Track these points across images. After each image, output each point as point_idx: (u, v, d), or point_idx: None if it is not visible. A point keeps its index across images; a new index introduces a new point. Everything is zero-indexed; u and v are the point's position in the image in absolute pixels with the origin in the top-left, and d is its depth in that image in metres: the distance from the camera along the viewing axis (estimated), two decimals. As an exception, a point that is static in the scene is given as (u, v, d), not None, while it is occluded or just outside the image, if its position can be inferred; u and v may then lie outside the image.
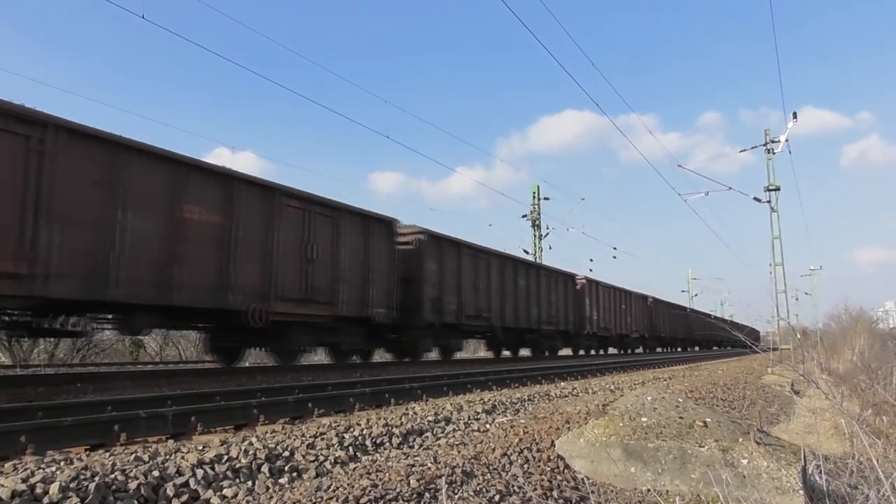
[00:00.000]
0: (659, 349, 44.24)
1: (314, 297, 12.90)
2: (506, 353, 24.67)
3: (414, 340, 17.33)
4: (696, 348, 53.54)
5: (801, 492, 4.14)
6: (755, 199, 23.78)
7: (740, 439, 4.70)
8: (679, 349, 49.05)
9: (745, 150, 25.24)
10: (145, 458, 4.07)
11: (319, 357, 18.51)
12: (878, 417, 7.89)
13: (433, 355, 19.34)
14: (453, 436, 5.84)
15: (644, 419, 5.14)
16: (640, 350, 39.00)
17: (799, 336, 29.54)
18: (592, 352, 31.61)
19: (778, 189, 23.53)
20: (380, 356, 18.73)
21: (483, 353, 28.27)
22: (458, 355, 21.50)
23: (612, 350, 34.70)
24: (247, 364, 15.36)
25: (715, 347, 58.75)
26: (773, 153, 23.58)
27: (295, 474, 4.20)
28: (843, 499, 4.11)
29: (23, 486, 3.25)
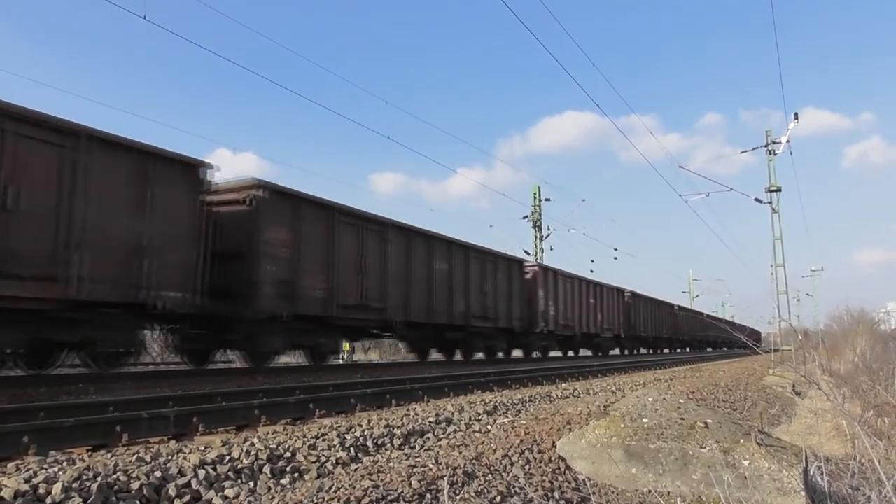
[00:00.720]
0: (643, 350, 39.31)
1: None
2: (437, 355, 20.33)
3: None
4: (687, 350, 50.48)
5: (803, 493, 4.14)
6: (756, 199, 23.77)
7: (741, 440, 4.71)
8: (667, 350, 44.82)
9: (745, 151, 25.25)
10: (147, 458, 4.07)
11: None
12: (880, 419, 7.88)
13: (286, 359, 16.15)
14: (454, 437, 5.85)
15: (645, 420, 5.14)
16: (615, 352, 34.06)
17: (800, 337, 29.50)
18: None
19: (779, 190, 23.52)
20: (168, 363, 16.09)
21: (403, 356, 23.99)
22: (326, 359, 15.23)
23: (585, 352, 30.13)
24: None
25: (709, 349, 56.39)
26: (775, 154, 23.57)
27: (296, 475, 4.21)
28: (844, 500, 4.11)
29: (25, 487, 3.26)
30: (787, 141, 23.52)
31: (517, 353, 24.13)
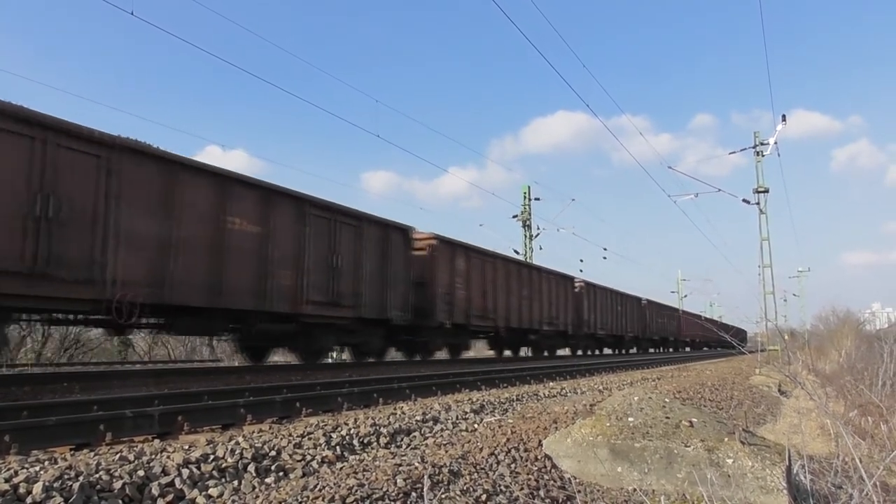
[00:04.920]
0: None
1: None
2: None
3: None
4: (670, 350, 49.90)
5: (785, 491, 4.17)
6: (744, 201, 23.99)
7: (726, 439, 4.73)
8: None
9: (734, 153, 25.48)
10: (130, 457, 4.05)
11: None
12: (864, 418, 7.96)
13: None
14: (441, 435, 5.85)
15: (631, 419, 5.16)
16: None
17: (786, 337, 29.72)
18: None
19: (767, 191, 23.74)
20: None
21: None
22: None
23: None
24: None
25: (687, 348, 55.63)
26: (762, 155, 23.78)
27: (281, 474, 4.20)
28: (826, 498, 4.14)
29: (5, 486, 3.22)
30: (775, 142, 23.77)
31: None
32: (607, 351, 35.55)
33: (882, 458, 5.36)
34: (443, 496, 3.77)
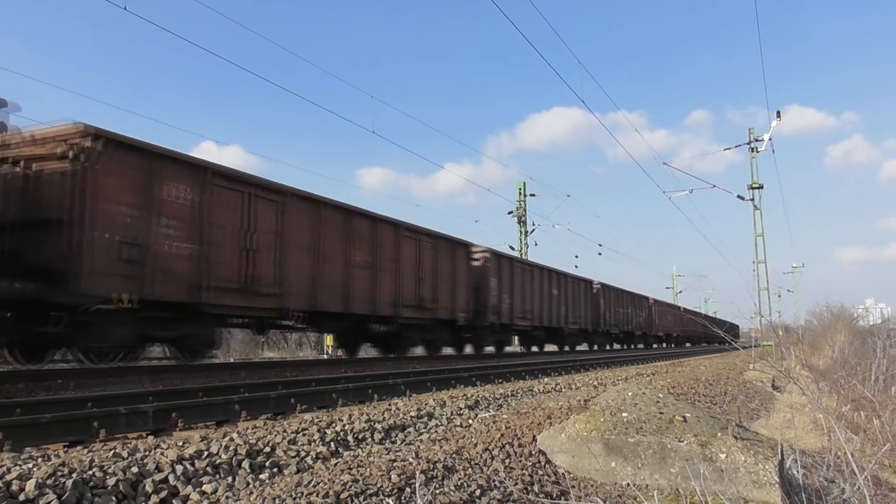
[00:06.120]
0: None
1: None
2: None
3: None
4: (672, 346, 50.22)
5: (778, 485, 4.19)
6: (739, 197, 24.03)
7: (719, 434, 4.75)
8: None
9: (729, 149, 25.51)
10: (124, 454, 4.04)
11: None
12: (857, 413, 8.00)
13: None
14: (435, 431, 5.86)
15: (625, 414, 5.18)
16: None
17: (780, 333, 29.82)
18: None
19: (761, 187, 23.79)
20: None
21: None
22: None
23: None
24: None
25: (688, 344, 55.83)
26: (757, 152, 23.82)
27: (276, 470, 4.20)
28: (818, 492, 4.17)
29: (-2, 483, 3.22)
30: (770, 139, 23.79)
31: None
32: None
33: (874, 452, 5.39)
34: (437, 492, 3.78)
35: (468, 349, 21.88)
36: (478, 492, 3.96)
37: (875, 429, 6.70)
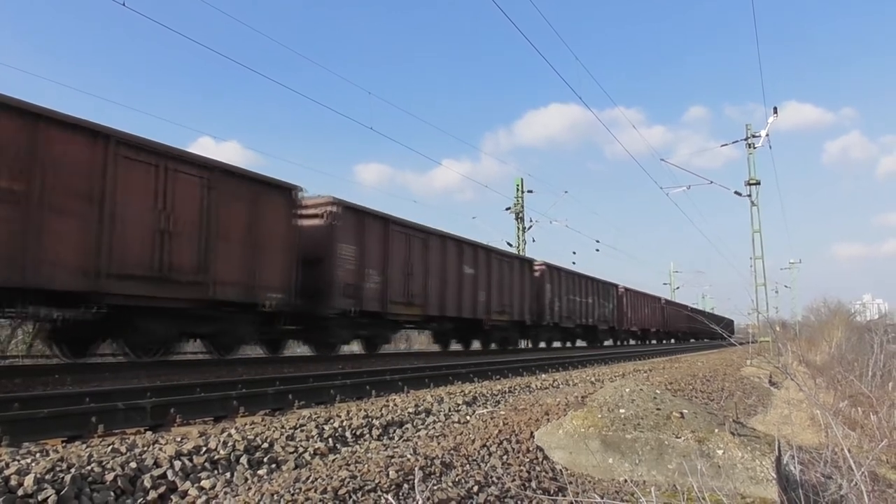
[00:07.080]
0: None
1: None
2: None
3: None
4: (653, 342, 44.57)
5: (775, 481, 4.20)
6: (736, 193, 24.04)
7: (716, 430, 4.77)
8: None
9: (726, 145, 25.54)
10: (122, 449, 4.04)
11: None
12: (854, 409, 8.02)
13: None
14: (433, 427, 5.86)
15: (622, 411, 5.19)
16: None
17: (777, 328, 29.87)
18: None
19: (758, 183, 23.79)
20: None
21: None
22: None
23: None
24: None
25: (672, 340, 51.18)
26: (754, 148, 23.82)
27: (274, 466, 4.20)
28: (815, 488, 4.18)
29: (-4, 478, 3.22)
30: (767, 135, 23.79)
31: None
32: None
33: (872, 448, 5.41)
34: (435, 488, 3.79)
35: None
36: (475, 488, 3.97)
37: (872, 425, 6.72)
